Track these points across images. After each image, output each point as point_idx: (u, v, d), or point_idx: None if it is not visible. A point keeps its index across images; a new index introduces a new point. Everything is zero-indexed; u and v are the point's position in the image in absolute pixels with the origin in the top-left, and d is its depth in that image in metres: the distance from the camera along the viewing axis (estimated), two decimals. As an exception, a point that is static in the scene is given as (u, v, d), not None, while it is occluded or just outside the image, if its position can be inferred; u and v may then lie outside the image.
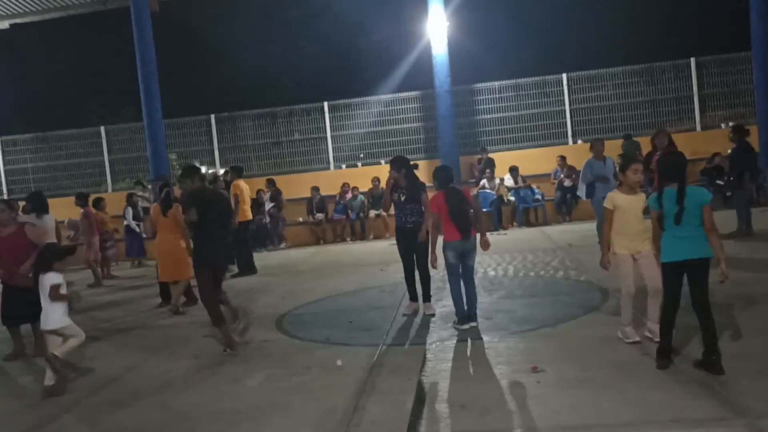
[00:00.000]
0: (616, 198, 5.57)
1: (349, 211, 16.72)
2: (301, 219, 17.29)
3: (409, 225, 7.38)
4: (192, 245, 7.09)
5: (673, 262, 4.82)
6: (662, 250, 4.90)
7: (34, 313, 6.27)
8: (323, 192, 17.08)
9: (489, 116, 18.42)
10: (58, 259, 6.04)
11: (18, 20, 18.80)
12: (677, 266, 4.80)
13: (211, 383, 5.57)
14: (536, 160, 17.24)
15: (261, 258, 13.56)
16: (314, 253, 14.83)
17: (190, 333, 7.64)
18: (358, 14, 23.77)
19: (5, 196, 18.88)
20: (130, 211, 15.02)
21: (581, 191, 10.43)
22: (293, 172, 18.91)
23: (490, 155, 17.36)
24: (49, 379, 5.64)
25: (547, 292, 8.33)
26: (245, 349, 6.59)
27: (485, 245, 6.79)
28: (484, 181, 16.52)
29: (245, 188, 12.21)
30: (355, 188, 16.82)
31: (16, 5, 18.02)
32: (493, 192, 16.19)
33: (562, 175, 16.26)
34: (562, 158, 16.56)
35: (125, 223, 14.97)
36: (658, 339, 5.07)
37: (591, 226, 13.00)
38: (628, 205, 5.49)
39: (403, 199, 7.41)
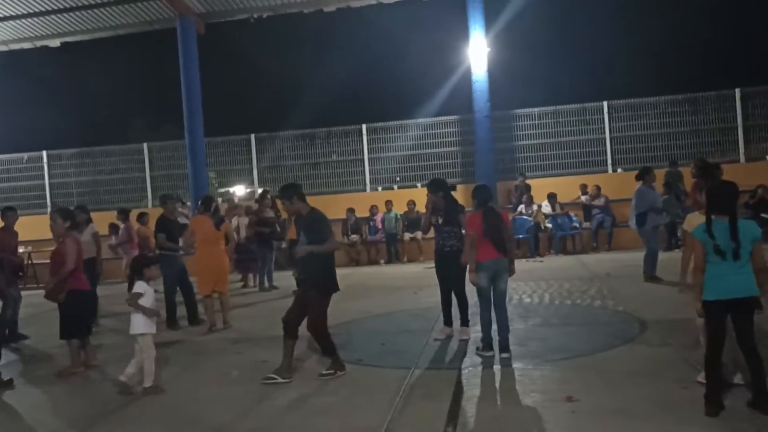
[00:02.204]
0: (695, 220, 5.07)
1: (382, 227, 16.65)
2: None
3: (447, 248, 7.32)
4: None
5: (719, 300, 4.52)
6: (706, 286, 4.57)
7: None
8: (359, 214, 17.10)
9: (528, 142, 18.30)
10: (146, 267, 6.17)
11: (69, 39, 19.35)
12: (723, 305, 4.51)
13: (241, 400, 5.57)
14: (575, 188, 17.04)
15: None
16: (348, 275, 14.80)
17: (222, 347, 7.67)
18: (399, 39, 24.02)
19: (49, 209, 19.35)
20: None
21: (632, 221, 10.24)
22: (329, 193, 18.98)
23: (528, 181, 17.23)
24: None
25: (584, 321, 8.18)
26: (274, 367, 6.57)
27: (512, 272, 6.68)
28: (521, 207, 16.37)
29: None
30: (389, 201, 16.66)
31: (67, 24, 18.56)
32: (531, 218, 16.04)
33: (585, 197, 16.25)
34: (597, 187, 16.38)
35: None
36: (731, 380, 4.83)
37: (630, 256, 12.80)
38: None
39: (440, 221, 7.37)
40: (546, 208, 16.44)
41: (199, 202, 10.18)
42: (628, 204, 14.92)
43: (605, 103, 17.96)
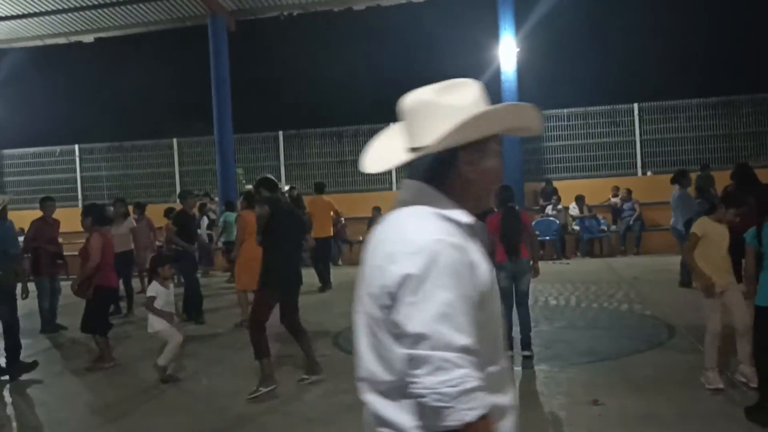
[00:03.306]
0: (707, 225, 5.22)
1: None
2: (361, 238, 17.38)
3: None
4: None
5: None
6: (761, 291, 4.49)
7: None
8: (387, 212, 17.09)
9: (556, 143, 18.17)
10: (160, 265, 6.25)
11: (102, 34, 19.64)
12: None
13: (267, 395, 5.59)
14: (603, 190, 16.88)
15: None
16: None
17: (248, 341, 7.72)
18: (428, 37, 23.95)
19: (80, 203, 19.66)
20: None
21: (677, 224, 10.06)
22: (356, 191, 19.02)
23: (556, 183, 17.10)
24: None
25: (610, 324, 8.11)
26: (302, 363, 6.62)
27: (536, 272, 6.65)
28: (548, 209, 16.26)
29: (318, 204, 12.44)
30: None
31: (101, 20, 18.83)
32: (557, 220, 15.93)
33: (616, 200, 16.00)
34: (627, 191, 16.20)
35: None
36: (753, 384, 4.75)
37: (659, 260, 12.66)
38: (717, 235, 5.15)
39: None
40: (573, 210, 16.31)
41: (242, 198, 10.27)
42: (657, 207, 14.84)
43: (636, 105, 17.75)
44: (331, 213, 12.88)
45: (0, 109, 21.70)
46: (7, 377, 6.61)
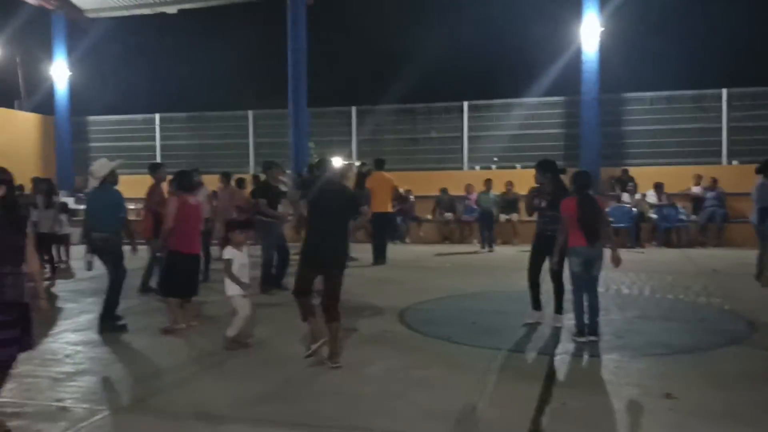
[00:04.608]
0: None
1: (477, 207, 15.87)
2: (429, 216, 17.30)
3: (549, 233, 7.09)
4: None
5: None
6: None
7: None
8: (456, 192, 16.94)
9: (637, 128, 17.52)
10: (231, 231, 6.37)
11: (186, 6, 20.06)
12: None
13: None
14: (683, 178, 16.22)
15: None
16: (440, 252, 14.77)
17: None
18: (507, 14, 23.42)
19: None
20: None
21: (753, 216, 9.64)
22: (426, 170, 18.88)
23: (635, 169, 16.54)
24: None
25: (686, 317, 7.80)
26: (366, 337, 6.64)
27: (617, 261, 6.43)
28: (624, 195, 15.76)
29: (378, 180, 12.40)
30: (488, 180, 15.51)
31: (185, -8, 19.26)
32: (633, 207, 15.42)
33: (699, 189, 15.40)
34: (713, 179, 15.52)
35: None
36: None
37: (742, 254, 12.10)
38: None
39: (544, 205, 7.15)
40: (651, 197, 15.76)
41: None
42: (742, 198, 14.15)
43: (724, 91, 16.90)
44: (391, 189, 12.82)
45: (87, 77, 22.49)
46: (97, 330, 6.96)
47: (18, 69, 25.68)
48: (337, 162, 19.26)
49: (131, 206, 11.61)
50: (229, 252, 6.27)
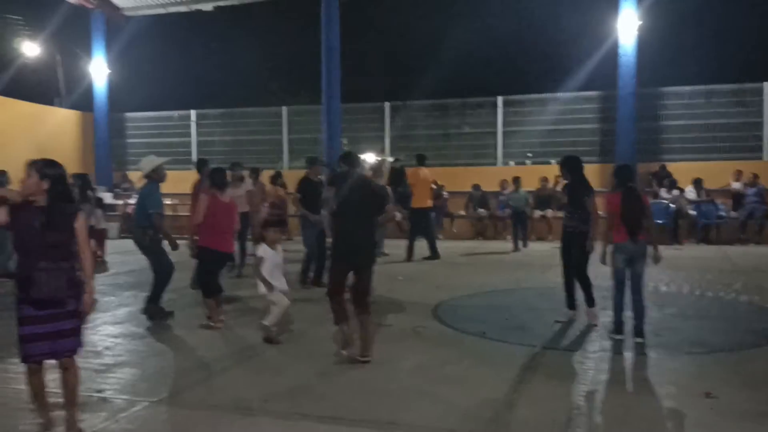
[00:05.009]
0: None
1: (508, 207, 15.38)
2: (463, 212, 17.23)
3: (569, 229, 7.07)
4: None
5: None
6: None
7: None
8: (490, 188, 16.83)
9: (674, 123, 17.19)
10: (265, 229, 6.42)
11: (221, 3, 20.23)
12: None
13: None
14: (722, 174, 15.89)
15: (419, 246, 13.61)
16: (473, 248, 14.71)
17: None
18: (541, 7, 23.21)
19: (194, 166, 20.49)
20: None
21: None
22: (459, 165, 18.79)
23: (672, 165, 16.24)
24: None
25: (725, 315, 7.66)
26: (398, 332, 6.65)
27: (657, 258, 6.33)
28: (662, 191, 15.49)
29: (421, 176, 12.41)
30: (517, 179, 14.87)
31: (221, -11, 19.43)
32: (671, 203, 15.15)
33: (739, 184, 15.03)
34: (754, 175, 15.18)
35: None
36: None
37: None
38: None
39: (566, 201, 7.16)
40: (690, 193, 15.47)
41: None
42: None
43: (765, 84, 16.48)
44: (431, 185, 12.84)
45: (124, 74, 22.84)
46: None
47: (58, 67, 26.17)
48: (370, 158, 19.31)
49: (167, 201, 11.74)
50: (261, 250, 6.30)
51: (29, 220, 3.87)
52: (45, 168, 3.94)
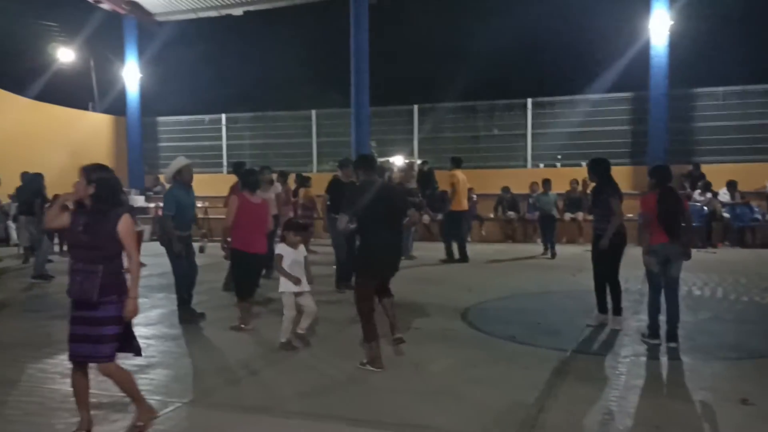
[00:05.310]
0: None
1: (536, 209, 14.95)
2: (492, 215, 17.14)
3: (598, 231, 6.99)
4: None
5: None
6: None
7: None
8: (519, 190, 16.70)
9: (708, 124, 16.90)
10: (285, 231, 6.44)
11: (251, 8, 20.43)
12: None
13: (393, 363, 5.63)
14: (758, 176, 15.58)
15: (436, 248, 13.55)
16: (503, 251, 14.62)
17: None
18: (571, 8, 22.99)
19: (225, 169, 20.72)
20: None
21: None
22: (488, 167, 18.69)
23: (706, 167, 15.98)
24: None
25: (762, 319, 7.52)
26: (427, 335, 6.63)
27: (687, 255, 6.22)
28: (695, 194, 15.25)
29: (462, 179, 12.41)
30: (546, 181, 14.09)
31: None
32: (705, 206, 14.90)
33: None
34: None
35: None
36: None
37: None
38: None
39: (592, 202, 7.12)
40: (724, 196, 15.20)
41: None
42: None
43: (801, 85, 16.16)
44: (466, 188, 12.85)
45: (156, 79, 23.16)
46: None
47: (91, 72, 26.64)
48: (399, 161, 19.24)
49: (198, 204, 11.83)
50: (280, 248, 6.33)
51: (75, 223, 4.00)
52: (91, 172, 4.05)
